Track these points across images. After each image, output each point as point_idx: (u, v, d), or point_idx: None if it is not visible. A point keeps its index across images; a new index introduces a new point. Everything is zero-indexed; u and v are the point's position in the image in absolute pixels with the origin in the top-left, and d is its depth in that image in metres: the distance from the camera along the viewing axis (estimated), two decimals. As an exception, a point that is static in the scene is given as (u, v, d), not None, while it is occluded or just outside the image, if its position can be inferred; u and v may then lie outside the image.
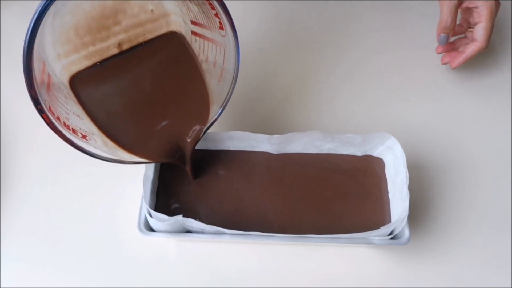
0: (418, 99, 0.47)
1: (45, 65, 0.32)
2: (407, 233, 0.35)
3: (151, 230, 0.36)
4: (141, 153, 0.36)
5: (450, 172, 0.43)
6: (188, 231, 0.36)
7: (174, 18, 0.38)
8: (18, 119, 0.45)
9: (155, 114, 0.38)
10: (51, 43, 0.33)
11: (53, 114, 0.31)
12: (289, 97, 0.47)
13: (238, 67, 0.35)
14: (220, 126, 0.44)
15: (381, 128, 0.41)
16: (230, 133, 0.39)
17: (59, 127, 0.31)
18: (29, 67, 0.28)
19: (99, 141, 0.34)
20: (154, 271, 0.39)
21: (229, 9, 0.32)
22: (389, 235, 0.35)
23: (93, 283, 0.38)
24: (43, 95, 0.30)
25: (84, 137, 0.33)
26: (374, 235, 0.34)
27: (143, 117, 0.37)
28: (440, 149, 0.44)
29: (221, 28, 0.34)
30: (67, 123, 0.32)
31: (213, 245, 0.39)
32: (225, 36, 0.34)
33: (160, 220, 0.34)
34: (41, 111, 0.29)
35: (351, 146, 0.40)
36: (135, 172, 0.38)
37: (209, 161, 0.40)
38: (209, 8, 0.33)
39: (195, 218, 0.34)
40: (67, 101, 0.34)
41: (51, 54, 0.34)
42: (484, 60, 0.49)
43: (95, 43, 0.36)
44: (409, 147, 0.40)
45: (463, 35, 0.47)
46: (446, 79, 0.48)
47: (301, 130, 0.39)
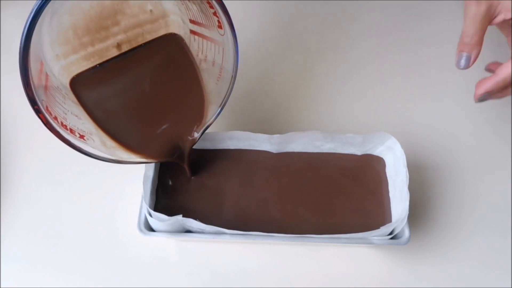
0: (418, 99, 0.47)
1: (43, 65, 0.32)
2: (407, 233, 0.35)
3: (151, 230, 0.36)
4: (140, 152, 0.36)
5: (450, 172, 0.43)
6: (188, 231, 0.36)
7: (173, 18, 0.38)
8: (18, 119, 0.45)
9: (154, 114, 0.38)
10: (49, 43, 0.33)
11: (50, 114, 0.31)
12: (289, 97, 0.47)
13: (237, 67, 0.35)
14: (220, 126, 0.44)
15: (381, 128, 0.41)
16: (230, 133, 0.39)
17: (56, 127, 0.31)
18: (25, 67, 0.28)
19: (97, 141, 0.34)
20: (154, 271, 0.39)
21: (229, 9, 0.32)
22: (389, 235, 0.35)
23: (93, 283, 0.38)
24: (41, 95, 0.30)
25: (82, 137, 0.33)
26: (374, 235, 0.34)
27: (142, 118, 0.38)
28: (440, 149, 0.44)
29: (220, 27, 0.34)
30: (64, 123, 0.32)
31: (213, 245, 0.39)
32: (223, 35, 0.34)
33: (160, 220, 0.34)
34: (38, 111, 0.29)
35: (351, 146, 0.40)
36: (135, 172, 0.38)
37: (209, 160, 0.40)
38: (207, 7, 0.33)
39: (195, 218, 0.34)
40: (65, 101, 0.34)
41: (50, 54, 0.34)
42: (483, 59, 0.49)
43: (94, 43, 0.36)
44: (409, 147, 0.40)
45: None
46: (446, 79, 0.48)
47: (301, 130, 0.39)
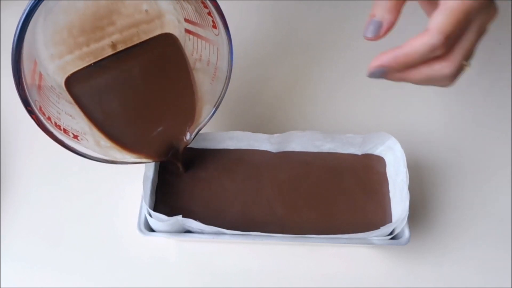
0: (418, 99, 0.47)
1: (36, 64, 0.32)
2: (407, 233, 0.35)
3: (151, 230, 0.36)
4: (135, 151, 0.36)
5: (450, 172, 0.43)
6: (188, 231, 0.36)
7: (168, 18, 0.38)
8: (18, 119, 0.45)
9: (148, 113, 0.38)
10: (44, 42, 0.33)
11: (43, 114, 0.30)
12: (289, 97, 0.47)
13: (231, 66, 0.35)
14: (220, 126, 0.44)
15: (381, 128, 0.41)
16: (230, 133, 0.39)
17: (50, 127, 0.30)
18: (17, 67, 0.28)
19: (91, 141, 0.34)
20: (154, 271, 0.39)
21: (226, 8, 0.32)
22: (389, 235, 0.35)
23: (93, 283, 0.38)
24: (34, 95, 0.30)
25: (75, 137, 0.33)
26: (374, 235, 0.34)
27: (136, 116, 0.37)
28: (440, 149, 0.44)
29: (214, 27, 0.34)
30: (58, 123, 0.32)
31: (213, 245, 0.39)
32: (218, 35, 0.34)
33: (160, 220, 0.34)
34: (30, 112, 0.29)
35: (351, 146, 0.40)
36: (135, 172, 0.38)
37: (209, 160, 0.40)
38: (202, 6, 0.33)
39: (195, 218, 0.34)
40: (59, 100, 0.34)
41: (44, 53, 0.34)
42: (484, 60, 0.49)
43: (89, 43, 0.36)
44: (409, 147, 0.40)
45: None
46: (446, 79, 0.48)
47: (301, 130, 0.39)
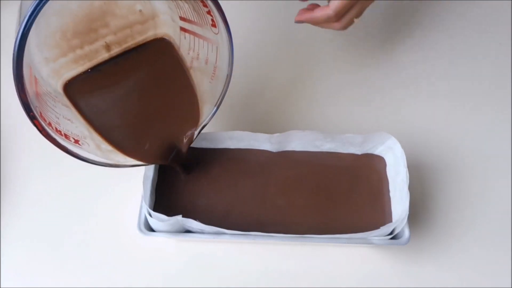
0: (418, 99, 0.47)
1: (31, 69, 0.31)
2: (407, 233, 0.35)
3: (151, 230, 0.36)
4: (136, 155, 0.36)
5: (450, 172, 0.43)
6: (188, 231, 0.36)
7: (162, 17, 0.38)
8: (18, 119, 0.45)
9: (149, 117, 0.37)
10: (36, 45, 0.33)
11: (44, 120, 0.30)
12: (289, 97, 0.47)
13: (232, 65, 0.35)
14: (220, 126, 0.44)
15: (381, 128, 0.41)
16: (230, 133, 0.39)
17: (52, 133, 0.30)
18: (19, 74, 0.27)
19: (92, 145, 0.34)
20: (154, 271, 0.38)
21: (225, 8, 0.32)
22: (389, 235, 0.35)
23: (93, 282, 0.38)
24: (34, 101, 0.29)
25: (76, 142, 0.32)
26: (374, 235, 0.34)
27: (136, 120, 0.37)
28: (440, 149, 0.44)
29: (214, 25, 0.33)
30: (59, 128, 0.31)
31: (213, 245, 0.39)
32: (217, 33, 0.34)
33: (160, 220, 0.34)
34: (33, 118, 0.28)
35: (351, 146, 0.40)
36: (135, 172, 0.38)
37: (209, 160, 0.40)
38: (201, 5, 0.32)
39: (194, 218, 0.34)
40: (55, 104, 0.33)
41: (38, 57, 0.33)
42: (484, 60, 0.49)
43: (83, 45, 0.36)
44: (409, 147, 0.40)
45: None
46: (446, 79, 0.48)
47: (301, 129, 0.39)
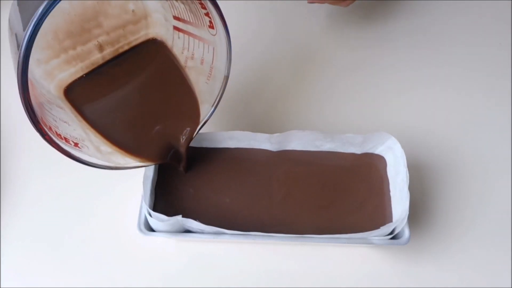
0: (418, 99, 0.47)
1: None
2: (407, 233, 0.35)
3: (151, 230, 0.36)
4: (136, 155, 0.36)
5: (450, 172, 0.43)
6: (188, 231, 0.36)
7: (155, 17, 0.37)
8: (18, 119, 0.45)
9: (146, 118, 0.37)
10: None
11: (45, 124, 0.29)
12: (289, 97, 0.47)
13: (229, 66, 0.35)
14: (220, 126, 0.44)
15: (381, 128, 0.41)
16: (230, 133, 0.39)
17: (55, 138, 0.29)
18: (24, 80, 0.26)
19: (91, 148, 0.34)
20: (154, 271, 0.38)
21: (224, 8, 0.32)
22: (389, 234, 0.35)
23: (93, 283, 0.38)
24: (35, 106, 0.28)
25: (76, 145, 0.32)
26: (374, 235, 0.34)
27: (135, 121, 0.37)
28: (440, 149, 0.44)
29: (212, 27, 0.33)
30: (58, 132, 0.31)
31: (213, 245, 0.39)
32: (215, 35, 0.34)
33: (160, 220, 0.34)
34: (37, 123, 0.28)
35: (351, 146, 0.40)
36: (135, 172, 0.38)
37: (208, 160, 0.40)
38: (199, 7, 0.32)
39: (194, 218, 0.34)
40: (51, 106, 0.33)
41: (29, 59, 0.33)
42: (484, 60, 0.49)
43: (76, 46, 0.35)
44: (409, 147, 0.40)
45: None
46: (446, 79, 0.48)
47: (301, 129, 0.39)
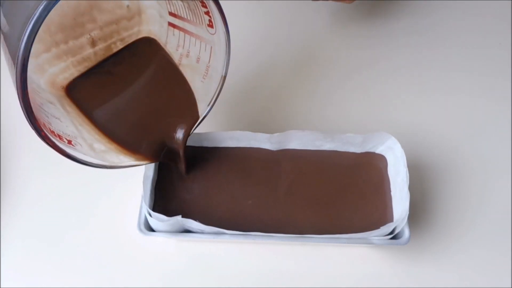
0: (418, 99, 0.47)
1: None
2: (407, 233, 0.35)
3: (151, 230, 0.36)
4: (130, 152, 0.36)
5: (450, 172, 0.43)
6: (188, 231, 0.36)
7: (149, 13, 0.37)
8: (18, 119, 0.45)
9: (140, 114, 0.37)
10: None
11: (39, 121, 0.29)
12: (289, 97, 0.47)
13: (227, 66, 0.35)
14: (220, 126, 0.44)
15: (381, 128, 0.41)
16: (230, 132, 0.39)
17: (50, 135, 0.29)
18: (24, 77, 0.26)
19: (84, 146, 0.33)
20: (154, 271, 0.38)
21: (223, 6, 0.31)
22: (389, 234, 0.35)
23: (93, 283, 0.38)
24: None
25: (69, 143, 0.31)
26: (374, 235, 0.34)
27: (130, 117, 0.37)
28: (440, 149, 0.44)
29: (211, 26, 0.33)
30: (51, 129, 0.30)
31: (213, 245, 0.39)
32: (214, 34, 0.33)
33: (160, 220, 0.34)
34: (33, 119, 0.28)
35: (352, 145, 0.40)
36: (135, 172, 0.38)
37: (208, 159, 0.40)
38: (199, 5, 0.32)
39: (194, 218, 0.34)
40: (42, 101, 0.32)
41: None
42: (484, 60, 0.49)
43: (68, 40, 0.35)
44: (409, 147, 0.40)
45: None
46: (446, 79, 0.48)
47: (301, 129, 0.39)
